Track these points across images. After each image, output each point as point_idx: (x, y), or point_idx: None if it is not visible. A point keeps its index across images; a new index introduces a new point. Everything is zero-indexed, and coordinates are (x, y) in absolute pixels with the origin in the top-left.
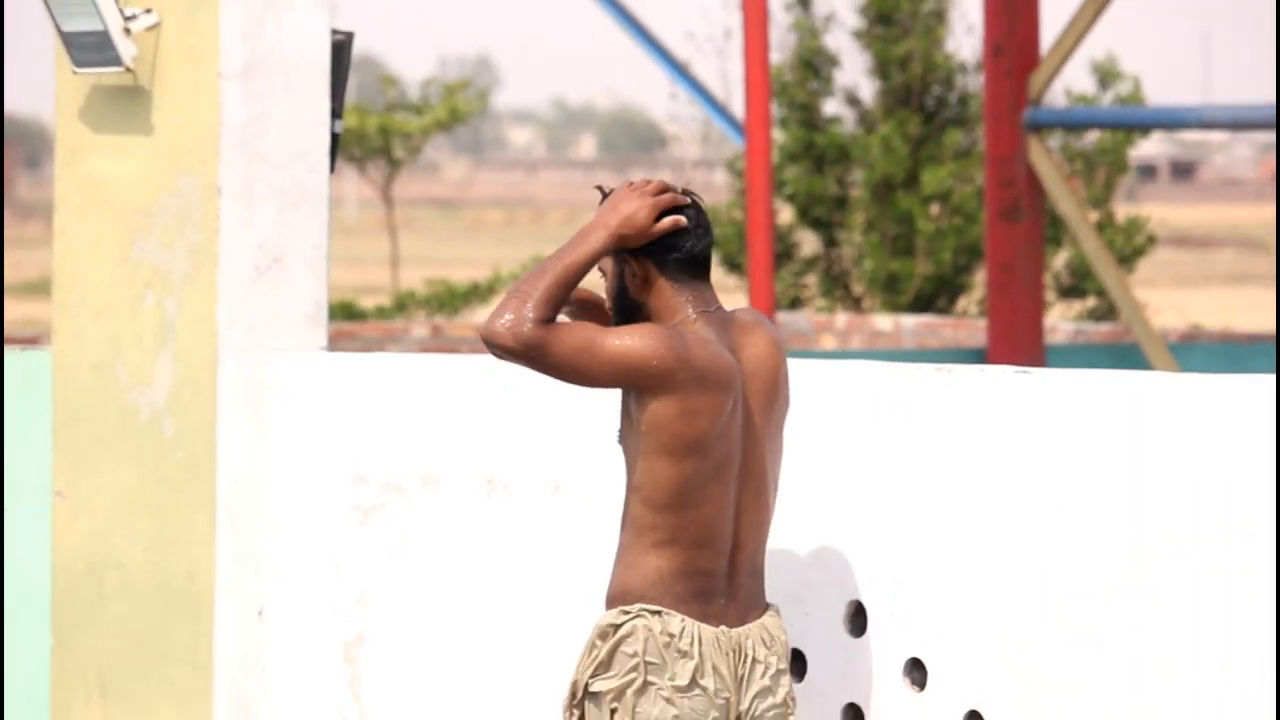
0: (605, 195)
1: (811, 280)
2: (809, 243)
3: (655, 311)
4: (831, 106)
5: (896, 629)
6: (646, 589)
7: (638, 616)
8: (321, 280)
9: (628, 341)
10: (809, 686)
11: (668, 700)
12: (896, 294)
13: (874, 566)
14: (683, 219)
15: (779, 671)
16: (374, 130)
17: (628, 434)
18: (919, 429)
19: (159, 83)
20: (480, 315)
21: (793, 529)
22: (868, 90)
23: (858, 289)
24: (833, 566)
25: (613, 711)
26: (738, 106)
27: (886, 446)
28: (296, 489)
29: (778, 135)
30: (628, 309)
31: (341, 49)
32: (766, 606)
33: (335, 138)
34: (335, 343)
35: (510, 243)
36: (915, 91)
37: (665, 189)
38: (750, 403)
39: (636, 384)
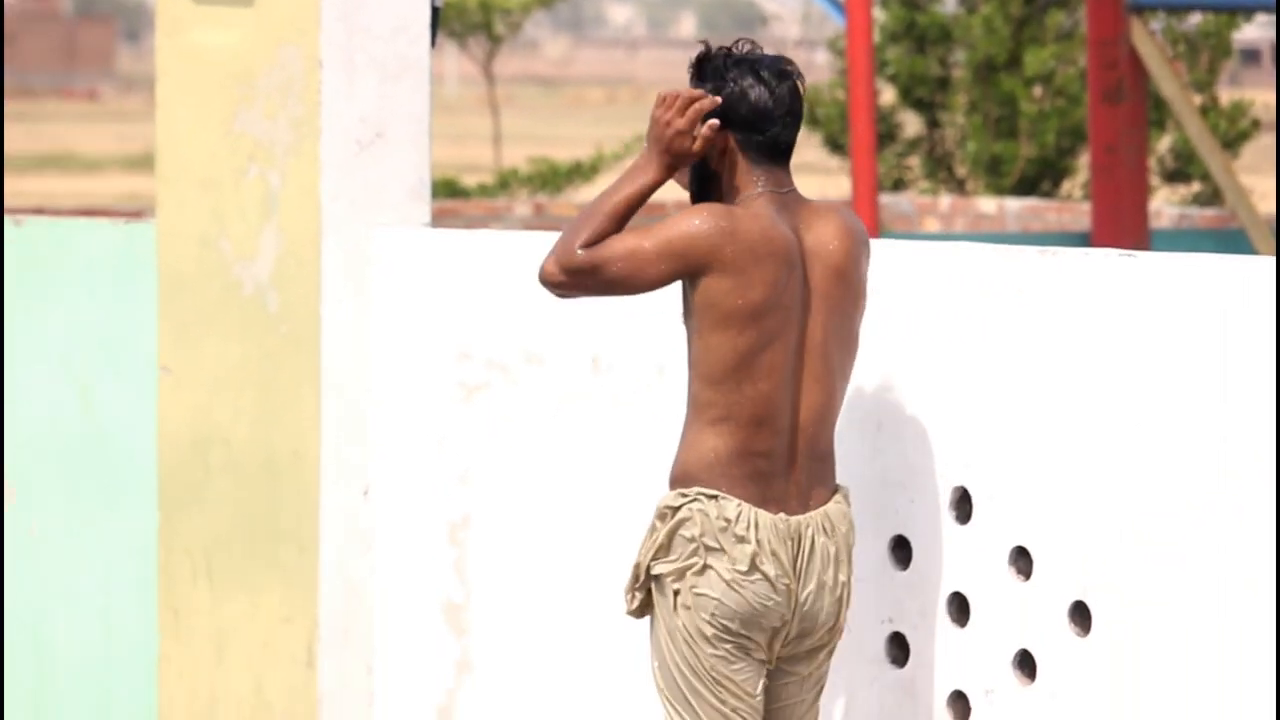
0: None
1: (914, 162)
2: (911, 124)
3: (727, 185)
4: None
5: (1001, 516)
6: (703, 471)
7: (694, 500)
8: (424, 155)
9: (671, 229)
10: (913, 574)
11: (729, 583)
12: (1000, 176)
13: (978, 452)
14: (715, 122)
15: (839, 562)
16: (474, 6)
17: (686, 312)
18: (1022, 312)
19: None
20: (583, 194)
21: (895, 413)
22: None
23: (961, 171)
24: (936, 452)
25: (675, 593)
26: None
27: (989, 330)
28: (400, 366)
29: (878, 14)
30: (704, 179)
31: None
32: (834, 491)
33: (436, 12)
34: (438, 220)
35: (611, 121)
36: None
37: (694, 98)
38: (811, 284)
39: (689, 267)
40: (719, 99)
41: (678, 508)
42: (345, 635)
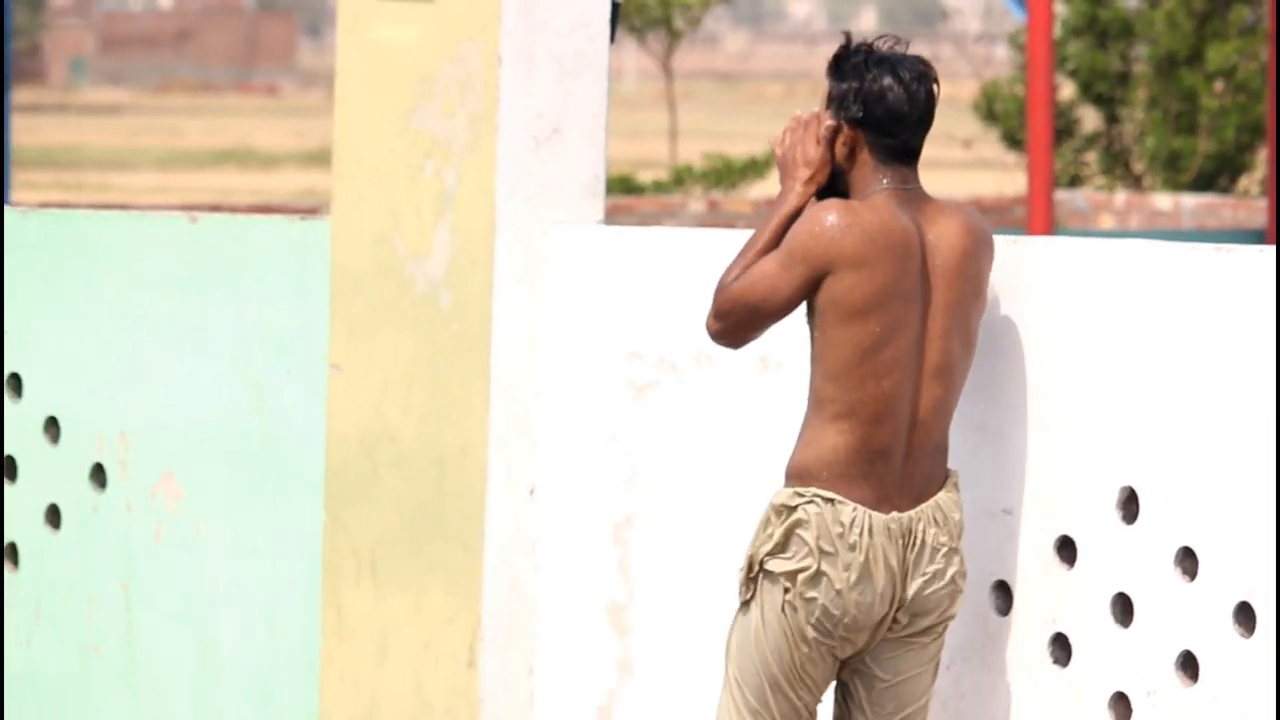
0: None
1: (1091, 158)
2: (1090, 119)
3: (854, 182)
4: None
5: (1168, 516)
6: (821, 469)
7: (810, 502)
8: (600, 152)
9: (793, 236)
10: (1078, 573)
11: (839, 591)
12: (1178, 172)
13: (1147, 451)
14: (832, 124)
15: (950, 551)
16: (654, 1)
17: (809, 309)
18: (1197, 310)
19: None
20: (757, 190)
21: (1062, 411)
22: None
23: (1138, 167)
24: (1105, 450)
25: (785, 590)
26: None
27: (1163, 327)
28: (571, 364)
29: (1060, 9)
30: (832, 175)
31: None
32: (947, 478)
33: (616, 7)
34: (611, 217)
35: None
36: None
37: (813, 122)
38: (932, 279)
39: (818, 267)
40: (833, 123)
41: (794, 507)
42: (507, 635)
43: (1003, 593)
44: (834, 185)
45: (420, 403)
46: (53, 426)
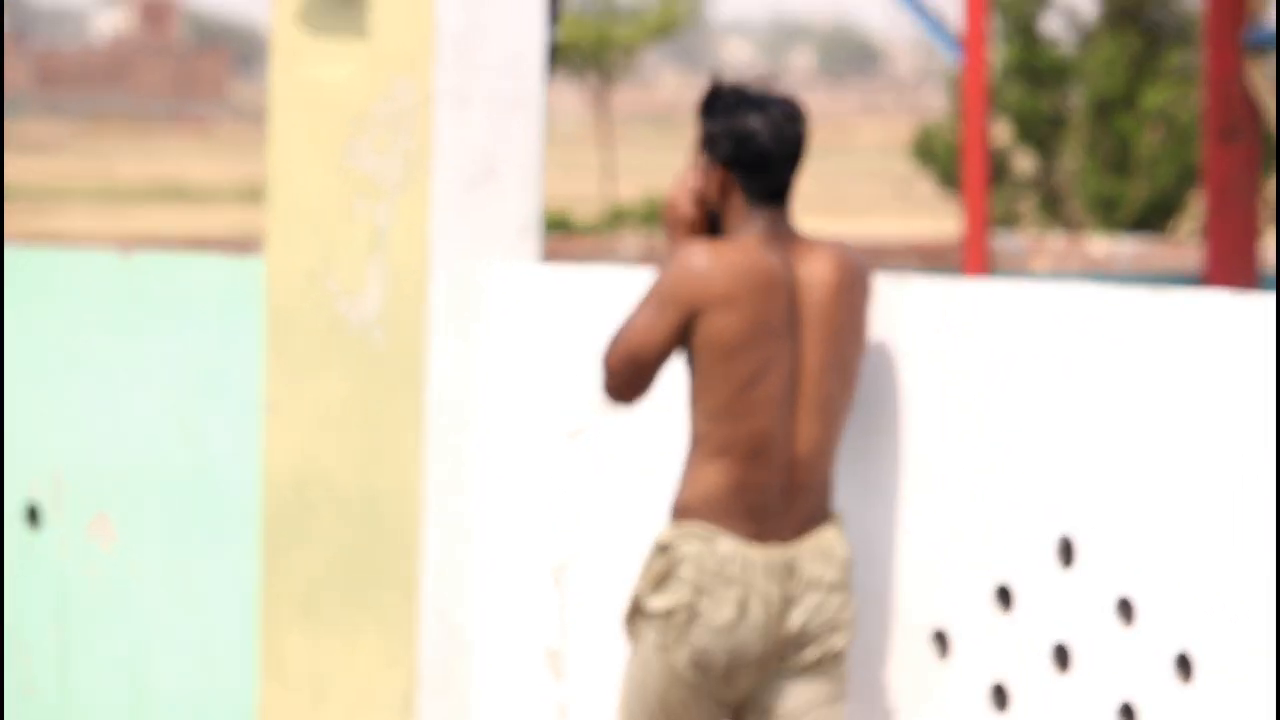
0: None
1: (1027, 201)
2: (1025, 162)
3: (726, 222)
4: (1050, 23)
5: (1106, 564)
6: (701, 506)
7: (690, 538)
8: (536, 191)
9: (660, 281)
10: (1015, 618)
11: (716, 629)
12: (1113, 214)
13: (1084, 498)
14: (703, 181)
15: (833, 586)
16: (589, 40)
17: (685, 351)
18: (1134, 354)
19: None
20: None
21: (1000, 455)
22: (1087, 8)
23: (1074, 209)
24: (1042, 496)
25: (662, 630)
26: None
27: (1100, 371)
28: (507, 405)
29: (995, 51)
30: (710, 214)
31: None
32: (827, 518)
33: (552, 45)
34: (547, 258)
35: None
36: (1136, 10)
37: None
38: (805, 317)
39: (687, 308)
40: (700, 183)
41: (673, 544)
42: (445, 680)
43: (939, 641)
44: (715, 227)
45: (355, 443)
46: None
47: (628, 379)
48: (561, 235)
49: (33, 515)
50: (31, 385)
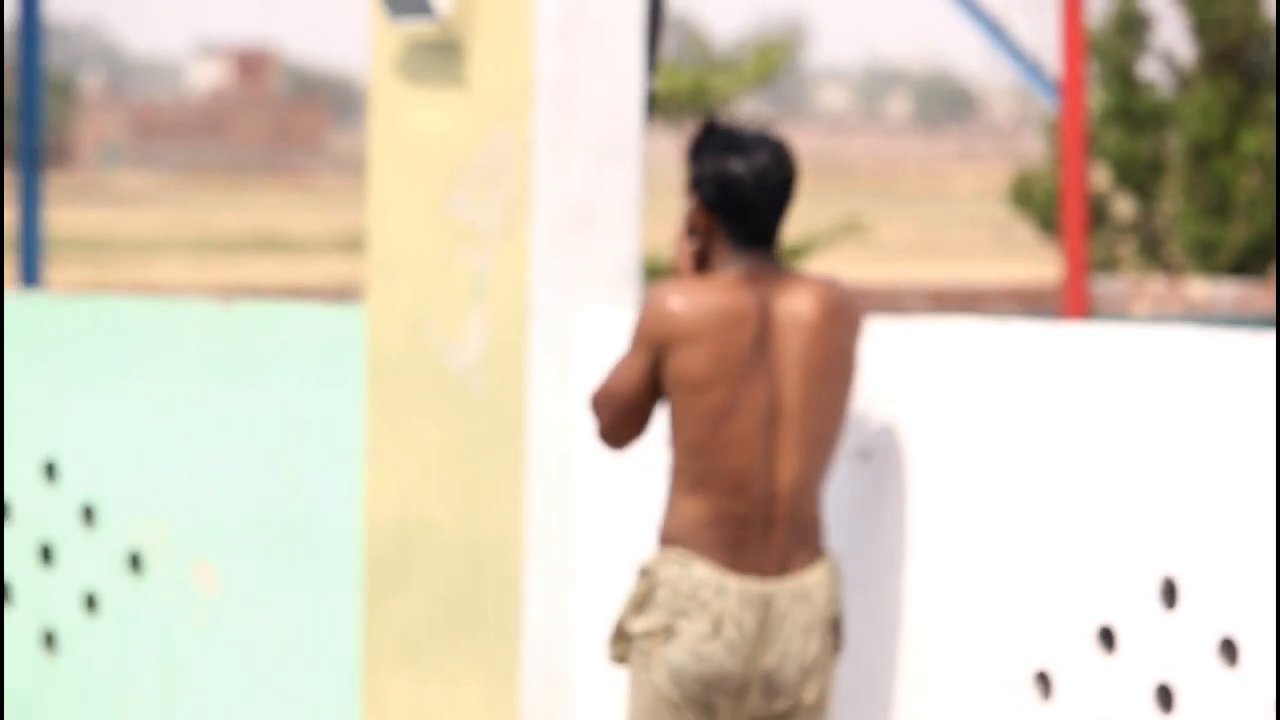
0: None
1: (1126, 245)
2: (1124, 206)
3: (712, 259)
4: (1147, 67)
5: (1209, 605)
6: (679, 533)
7: (668, 563)
8: (634, 238)
9: (634, 323)
10: (1117, 659)
11: (692, 648)
12: (1212, 258)
13: (1187, 538)
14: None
15: (810, 628)
16: (686, 88)
17: (662, 386)
18: (1234, 396)
19: (474, 36)
20: None
21: (1102, 497)
22: (1185, 51)
23: (1173, 253)
24: (1145, 536)
25: (646, 652)
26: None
27: (1201, 414)
28: (606, 450)
29: (1094, 96)
30: (699, 252)
31: (658, 3)
32: (816, 559)
33: (650, 94)
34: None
35: (820, 203)
36: (1234, 54)
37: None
38: (782, 353)
39: (658, 347)
40: (686, 225)
41: (652, 569)
42: None
43: (1042, 682)
44: (702, 260)
45: (456, 489)
46: (89, 513)
47: (610, 421)
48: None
49: (136, 562)
50: (136, 434)
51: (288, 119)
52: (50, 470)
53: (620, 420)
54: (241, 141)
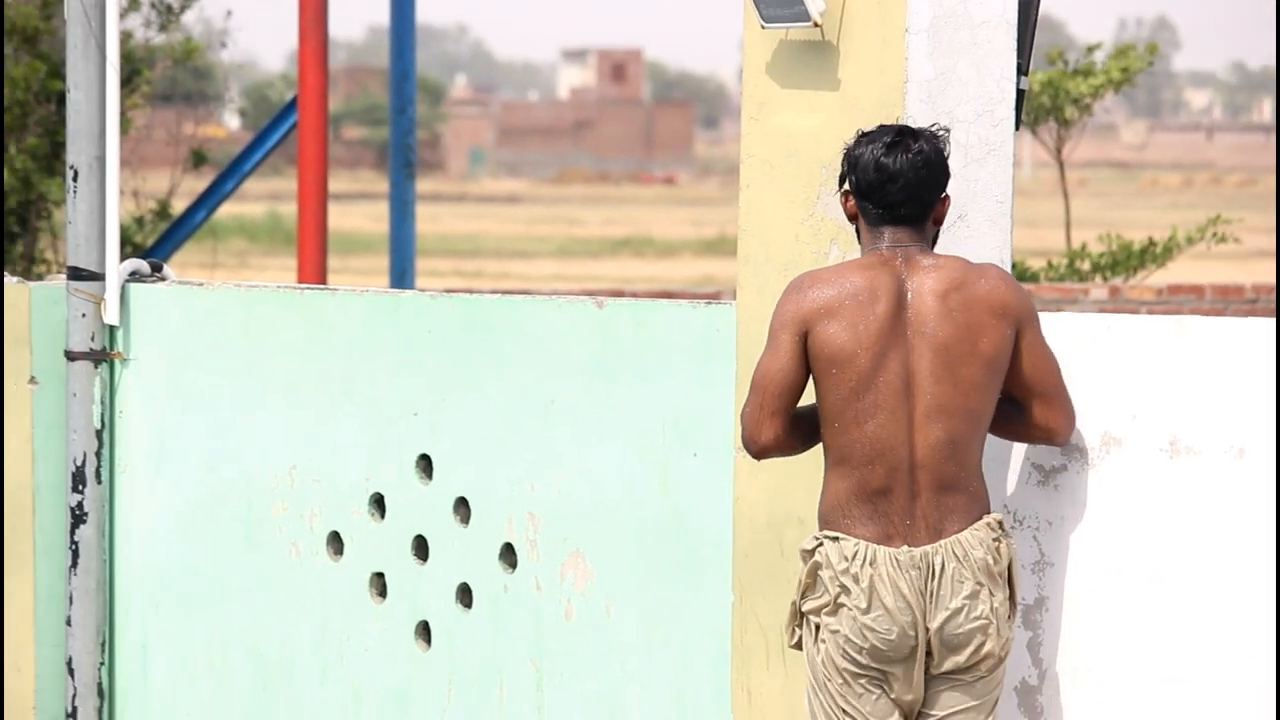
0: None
1: None
2: None
3: (859, 240)
4: None
5: None
6: (829, 512)
7: (822, 543)
8: (1005, 237)
9: (772, 318)
10: None
11: (853, 623)
12: None
13: None
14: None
15: (977, 588)
16: (1040, 91)
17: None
18: None
19: (846, 38)
20: (1158, 277)
21: None
22: None
23: None
24: None
25: (816, 628)
26: None
27: None
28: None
29: None
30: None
31: (1030, 4)
32: (973, 522)
33: (1021, 94)
34: None
35: (1185, 206)
36: None
37: None
38: (917, 328)
39: (798, 330)
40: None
41: (811, 550)
42: None
43: None
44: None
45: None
46: (463, 507)
47: (758, 412)
48: (1024, 283)
49: (509, 555)
50: (508, 429)
51: (653, 123)
52: (426, 465)
53: (771, 410)
54: (607, 145)
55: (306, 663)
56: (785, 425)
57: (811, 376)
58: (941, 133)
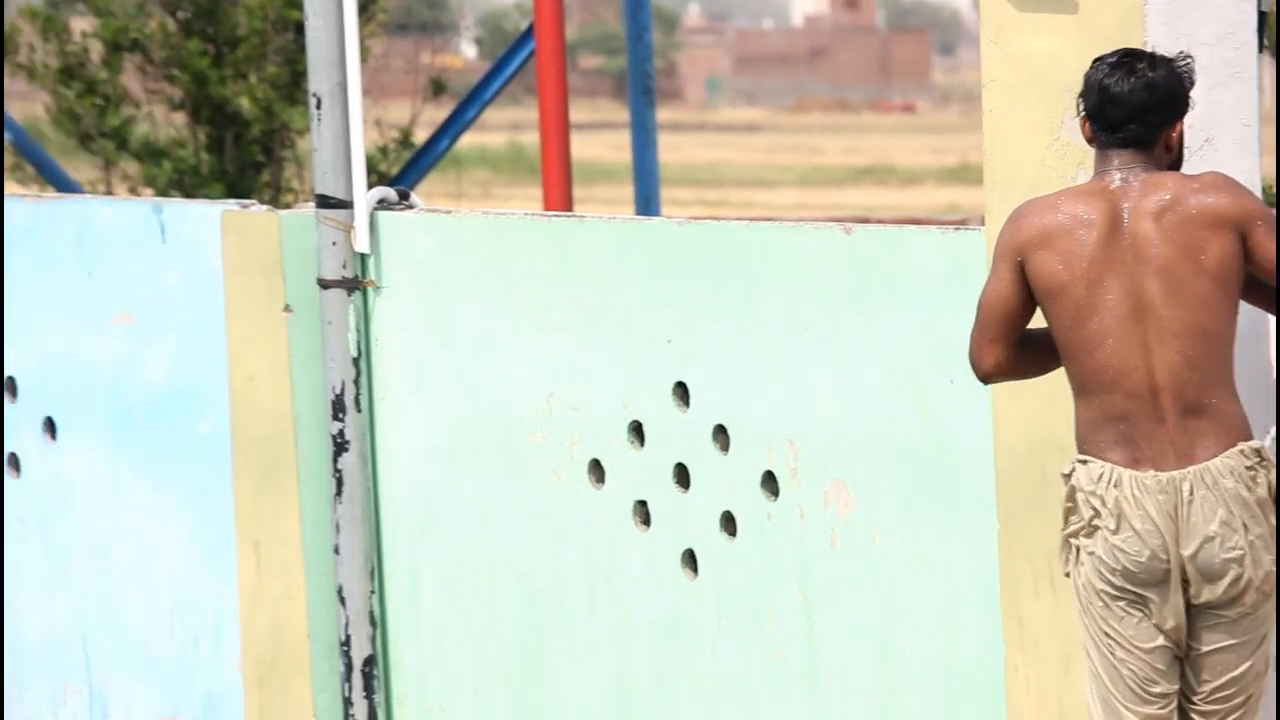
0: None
1: None
2: None
3: (1094, 163)
4: None
5: None
6: (1080, 436)
7: (1077, 464)
8: (1254, 161)
9: (995, 247)
10: None
11: (1105, 544)
12: None
13: None
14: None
15: (1228, 514)
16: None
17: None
18: None
19: None
20: None
21: None
22: None
23: None
24: None
25: (1076, 550)
26: None
27: None
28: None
29: None
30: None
31: None
32: (1227, 447)
33: (1262, 16)
34: None
35: None
36: None
37: None
38: (1139, 251)
39: (1014, 261)
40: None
41: (1068, 475)
42: None
43: None
44: None
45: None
46: (721, 435)
47: (980, 338)
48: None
49: (771, 483)
50: (764, 357)
51: (889, 51)
52: (683, 392)
53: (991, 338)
54: (844, 74)
55: (575, 591)
56: (1006, 352)
57: (1043, 310)
58: (1184, 60)
